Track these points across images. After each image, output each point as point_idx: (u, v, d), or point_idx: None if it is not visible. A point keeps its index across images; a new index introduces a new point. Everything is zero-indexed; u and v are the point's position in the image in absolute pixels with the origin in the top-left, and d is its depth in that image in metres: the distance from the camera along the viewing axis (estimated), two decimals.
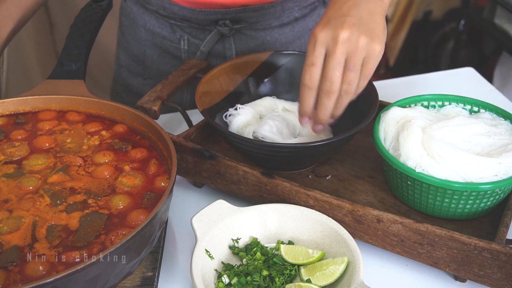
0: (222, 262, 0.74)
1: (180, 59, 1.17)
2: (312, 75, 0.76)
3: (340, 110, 0.78)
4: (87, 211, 0.70)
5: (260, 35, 1.13)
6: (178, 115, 1.08)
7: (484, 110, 0.87)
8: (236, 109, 0.94)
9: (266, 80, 0.99)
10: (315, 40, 0.75)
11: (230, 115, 0.94)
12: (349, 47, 0.73)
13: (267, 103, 0.96)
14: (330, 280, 0.70)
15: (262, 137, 0.90)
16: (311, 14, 1.16)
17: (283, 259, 0.74)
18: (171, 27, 1.13)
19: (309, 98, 0.78)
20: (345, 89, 0.75)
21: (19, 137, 0.82)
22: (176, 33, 1.13)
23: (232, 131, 0.91)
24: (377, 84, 0.96)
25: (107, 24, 1.05)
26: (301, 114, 0.81)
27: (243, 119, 0.92)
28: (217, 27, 1.10)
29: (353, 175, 0.88)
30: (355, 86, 0.76)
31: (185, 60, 1.16)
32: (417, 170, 0.75)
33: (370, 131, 0.86)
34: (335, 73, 0.74)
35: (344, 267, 0.70)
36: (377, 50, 0.74)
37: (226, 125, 0.93)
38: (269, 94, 0.99)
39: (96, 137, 0.82)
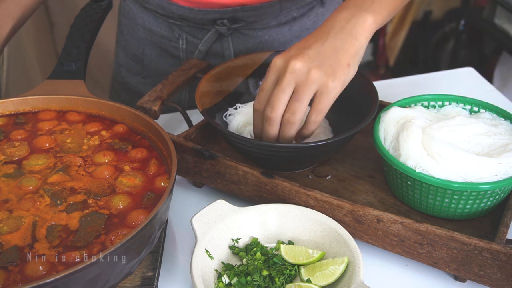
0: (222, 262, 0.74)
1: (178, 58, 1.17)
2: (259, 100, 0.79)
3: (286, 139, 0.79)
4: (87, 211, 0.69)
5: (258, 35, 1.13)
6: (178, 115, 1.08)
7: (484, 110, 0.87)
8: (235, 108, 0.94)
9: None
10: (270, 67, 0.78)
11: (230, 115, 0.94)
12: (298, 78, 0.74)
13: None
14: (330, 280, 0.70)
15: None
16: (309, 14, 1.16)
17: (283, 259, 0.73)
18: (170, 26, 1.13)
19: (257, 121, 0.81)
20: (287, 117, 0.76)
21: (19, 137, 0.82)
22: (175, 32, 1.13)
23: (231, 130, 0.91)
24: (377, 84, 0.96)
25: (107, 23, 1.05)
26: (254, 135, 0.84)
27: (243, 118, 0.92)
28: (215, 26, 1.10)
29: (353, 175, 0.88)
30: (298, 117, 0.76)
31: (183, 59, 1.16)
32: (417, 170, 0.75)
33: (370, 131, 0.86)
34: (277, 101, 0.75)
35: (344, 267, 0.70)
36: (330, 86, 0.74)
37: (226, 125, 0.93)
38: None
39: (96, 137, 0.82)
